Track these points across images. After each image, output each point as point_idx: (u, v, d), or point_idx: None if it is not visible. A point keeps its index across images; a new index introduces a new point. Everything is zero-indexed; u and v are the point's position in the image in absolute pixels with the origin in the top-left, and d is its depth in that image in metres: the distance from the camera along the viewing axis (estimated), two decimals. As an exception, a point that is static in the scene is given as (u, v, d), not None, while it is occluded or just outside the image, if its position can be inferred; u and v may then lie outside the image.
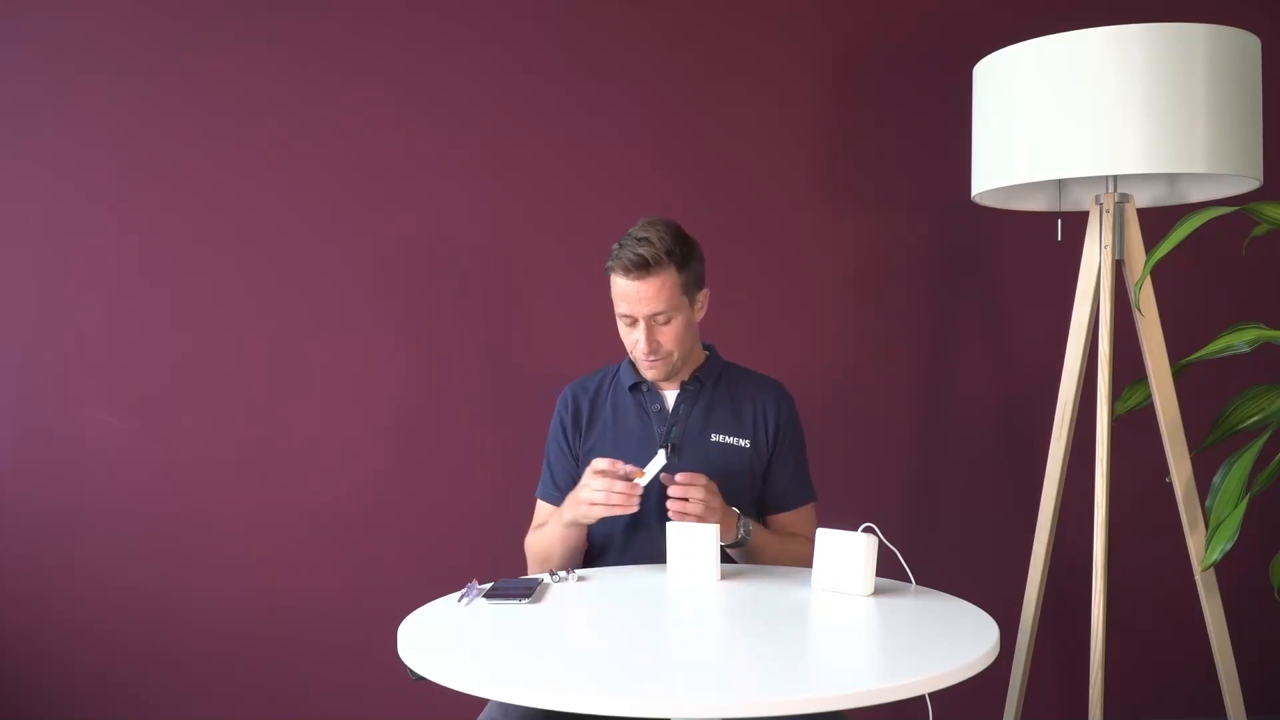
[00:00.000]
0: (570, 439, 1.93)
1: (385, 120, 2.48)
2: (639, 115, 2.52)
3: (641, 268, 1.77)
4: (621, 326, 1.86)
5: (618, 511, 1.68)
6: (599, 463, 1.71)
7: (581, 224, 2.50)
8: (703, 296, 1.89)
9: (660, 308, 1.79)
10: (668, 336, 1.82)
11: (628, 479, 1.69)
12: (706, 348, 1.96)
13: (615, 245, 1.83)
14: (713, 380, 1.91)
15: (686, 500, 1.69)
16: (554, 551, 1.84)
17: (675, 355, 1.84)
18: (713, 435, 1.87)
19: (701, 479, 1.71)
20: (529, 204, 2.51)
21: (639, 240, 1.78)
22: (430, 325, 2.50)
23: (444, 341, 2.50)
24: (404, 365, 2.50)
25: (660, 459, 1.69)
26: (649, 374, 1.87)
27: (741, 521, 1.79)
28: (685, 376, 1.91)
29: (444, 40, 2.49)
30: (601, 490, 1.68)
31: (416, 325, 2.50)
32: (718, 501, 1.73)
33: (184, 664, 2.48)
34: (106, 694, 2.48)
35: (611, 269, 1.81)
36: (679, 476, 1.70)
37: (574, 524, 1.78)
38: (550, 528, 1.85)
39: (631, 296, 1.79)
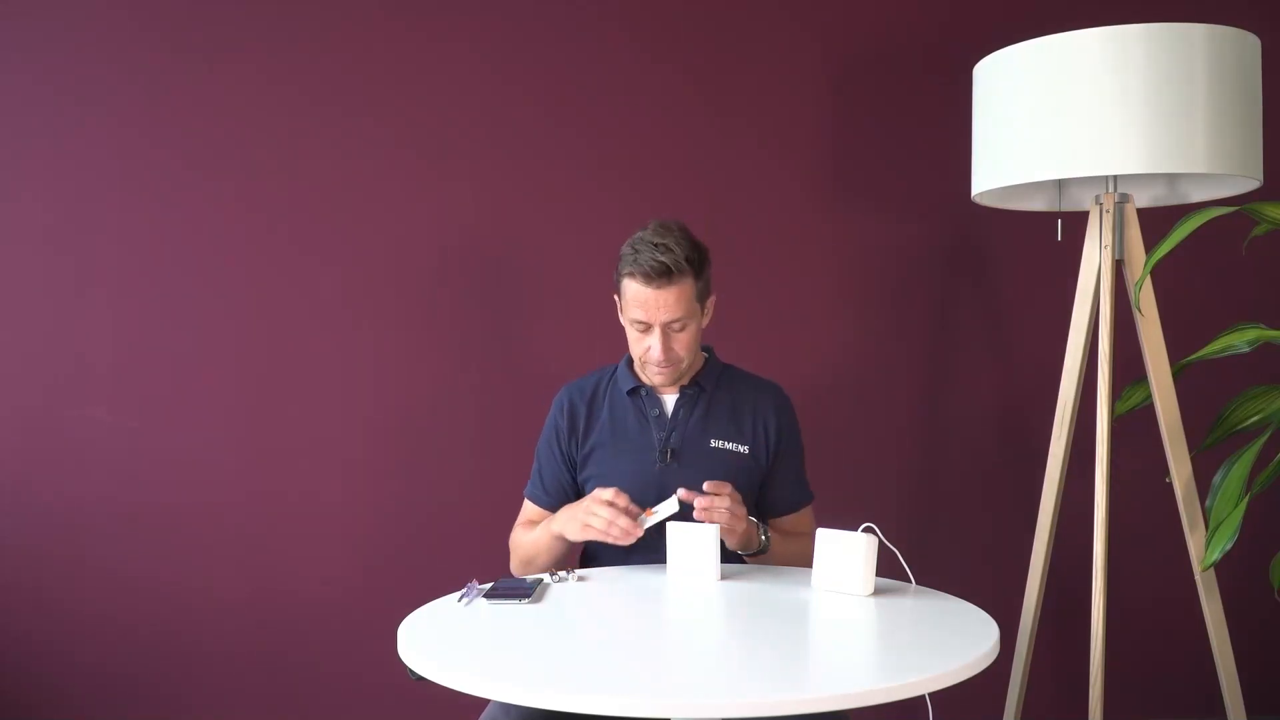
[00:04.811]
0: (564, 443, 1.91)
1: (389, 122, 2.48)
2: (640, 115, 2.51)
3: (663, 275, 1.73)
4: (632, 333, 1.83)
5: (615, 543, 1.68)
6: (605, 493, 1.68)
7: (583, 224, 2.49)
8: (710, 303, 1.88)
9: (678, 315, 1.77)
10: (681, 344, 1.80)
11: (631, 515, 1.67)
12: (704, 349, 1.95)
13: (627, 249, 1.79)
14: (712, 384, 1.90)
15: (710, 510, 1.66)
16: (540, 559, 1.83)
17: (685, 362, 1.84)
18: (712, 441, 1.85)
19: (728, 488, 1.69)
20: (531, 205, 2.51)
21: (657, 246, 1.74)
22: (432, 325, 2.50)
23: (445, 341, 2.50)
24: (406, 365, 2.50)
25: (673, 504, 1.67)
26: (657, 379, 1.86)
27: (761, 529, 1.78)
28: (685, 381, 1.89)
29: (450, 44, 2.48)
30: (605, 520, 1.66)
31: (418, 324, 2.50)
32: (742, 510, 1.71)
33: (183, 663, 2.48)
34: (106, 692, 2.47)
35: (629, 274, 1.77)
36: (707, 485, 1.68)
37: (562, 538, 1.77)
38: (539, 535, 1.83)
39: (650, 304, 1.76)
